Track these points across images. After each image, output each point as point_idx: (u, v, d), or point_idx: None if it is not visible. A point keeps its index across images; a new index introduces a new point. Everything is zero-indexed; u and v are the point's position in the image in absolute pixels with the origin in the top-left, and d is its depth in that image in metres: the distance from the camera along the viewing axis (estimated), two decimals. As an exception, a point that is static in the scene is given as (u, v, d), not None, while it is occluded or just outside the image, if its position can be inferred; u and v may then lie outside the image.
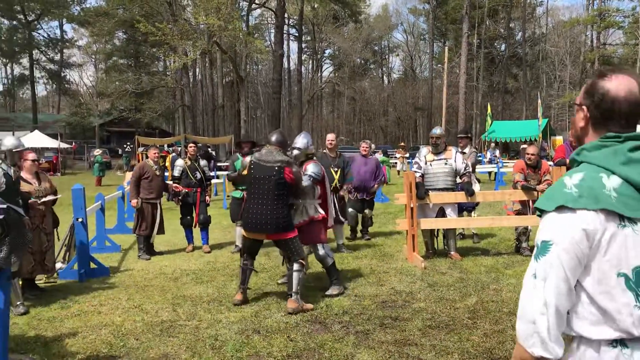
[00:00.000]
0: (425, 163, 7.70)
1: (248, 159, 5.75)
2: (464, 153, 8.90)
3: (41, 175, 6.46)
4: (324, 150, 8.89)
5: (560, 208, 1.50)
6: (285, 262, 5.97)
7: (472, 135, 14.31)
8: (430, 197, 7.40)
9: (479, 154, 17.47)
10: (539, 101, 22.15)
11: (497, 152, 26.14)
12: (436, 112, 50.80)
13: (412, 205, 7.35)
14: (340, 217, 8.15)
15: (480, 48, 52.55)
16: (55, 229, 6.55)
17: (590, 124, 1.64)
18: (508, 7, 51.24)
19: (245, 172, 5.71)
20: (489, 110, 32.72)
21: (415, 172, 7.67)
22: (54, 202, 6.46)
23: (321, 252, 5.98)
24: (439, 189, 7.55)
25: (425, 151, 7.84)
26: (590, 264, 1.49)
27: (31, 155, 6.27)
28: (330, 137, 8.79)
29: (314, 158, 6.31)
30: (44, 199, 6.20)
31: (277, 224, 5.43)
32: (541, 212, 1.58)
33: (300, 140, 6.20)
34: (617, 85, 1.57)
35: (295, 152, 6.10)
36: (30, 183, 6.15)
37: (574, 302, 1.52)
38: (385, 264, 7.43)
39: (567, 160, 7.57)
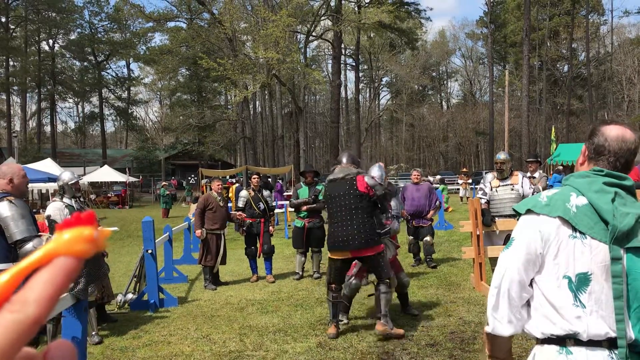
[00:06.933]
0: (491, 189, 7.49)
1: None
2: (533, 177, 8.66)
3: None
4: None
5: (528, 211, 1.80)
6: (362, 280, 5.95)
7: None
8: (496, 224, 7.20)
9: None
10: (607, 122, 21.27)
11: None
12: (498, 137, 49.80)
13: (478, 233, 7.17)
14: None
15: (542, 70, 51.38)
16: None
17: (587, 159, 1.88)
18: (570, 28, 50.00)
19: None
20: (553, 134, 31.77)
21: (481, 198, 7.48)
22: None
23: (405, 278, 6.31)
24: (505, 216, 7.33)
25: (490, 177, 7.64)
26: (544, 264, 1.76)
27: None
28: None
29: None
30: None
31: (361, 239, 5.29)
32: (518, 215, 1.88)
33: (376, 171, 6.04)
34: (612, 128, 1.83)
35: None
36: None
37: (528, 293, 1.80)
38: (452, 293, 7.26)
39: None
